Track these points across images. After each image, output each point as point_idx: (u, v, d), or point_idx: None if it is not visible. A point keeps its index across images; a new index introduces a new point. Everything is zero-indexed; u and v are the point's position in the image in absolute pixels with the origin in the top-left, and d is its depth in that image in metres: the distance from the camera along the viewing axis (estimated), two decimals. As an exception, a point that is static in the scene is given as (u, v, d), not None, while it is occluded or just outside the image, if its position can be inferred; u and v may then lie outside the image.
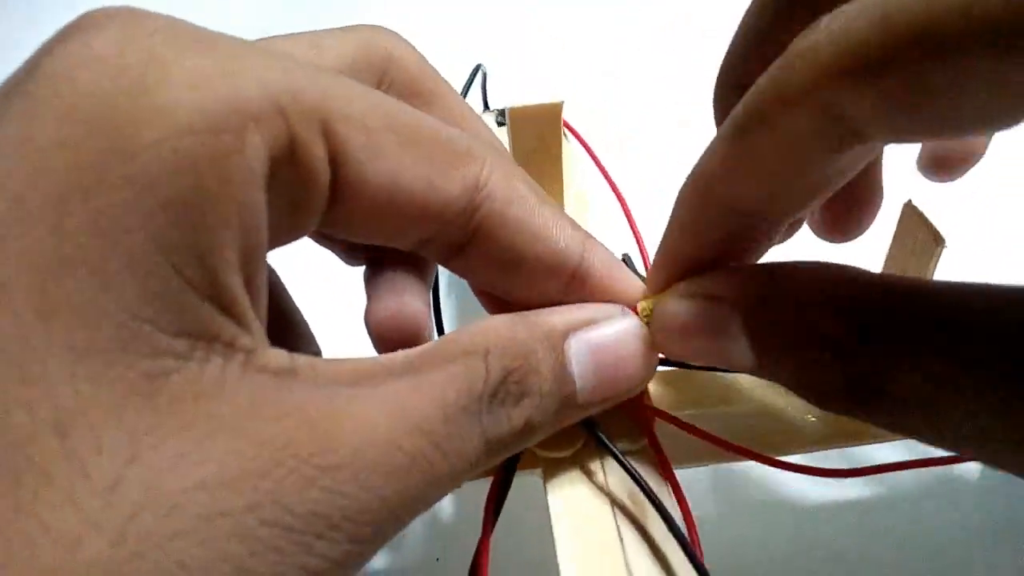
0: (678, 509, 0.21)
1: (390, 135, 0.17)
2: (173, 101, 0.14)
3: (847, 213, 0.24)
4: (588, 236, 0.21)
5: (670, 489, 0.22)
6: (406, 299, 0.23)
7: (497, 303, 0.22)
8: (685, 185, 0.20)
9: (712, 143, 0.19)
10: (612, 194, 0.34)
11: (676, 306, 0.19)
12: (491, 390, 0.17)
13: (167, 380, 0.14)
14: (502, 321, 0.18)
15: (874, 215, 0.25)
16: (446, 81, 0.23)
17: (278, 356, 0.15)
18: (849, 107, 0.15)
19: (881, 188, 0.24)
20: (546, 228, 0.19)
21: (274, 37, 0.20)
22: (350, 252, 0.25)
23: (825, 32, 0.15)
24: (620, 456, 0.21)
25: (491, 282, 0.21)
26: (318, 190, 0.16)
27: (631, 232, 0.33)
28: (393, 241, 0.19)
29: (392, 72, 0.21)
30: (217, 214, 0.14)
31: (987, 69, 0.13)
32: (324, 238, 0.24)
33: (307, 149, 0.16)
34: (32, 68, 0.14)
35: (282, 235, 0.17)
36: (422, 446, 0.15)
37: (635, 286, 0.21)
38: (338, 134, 0.16)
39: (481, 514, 0.20)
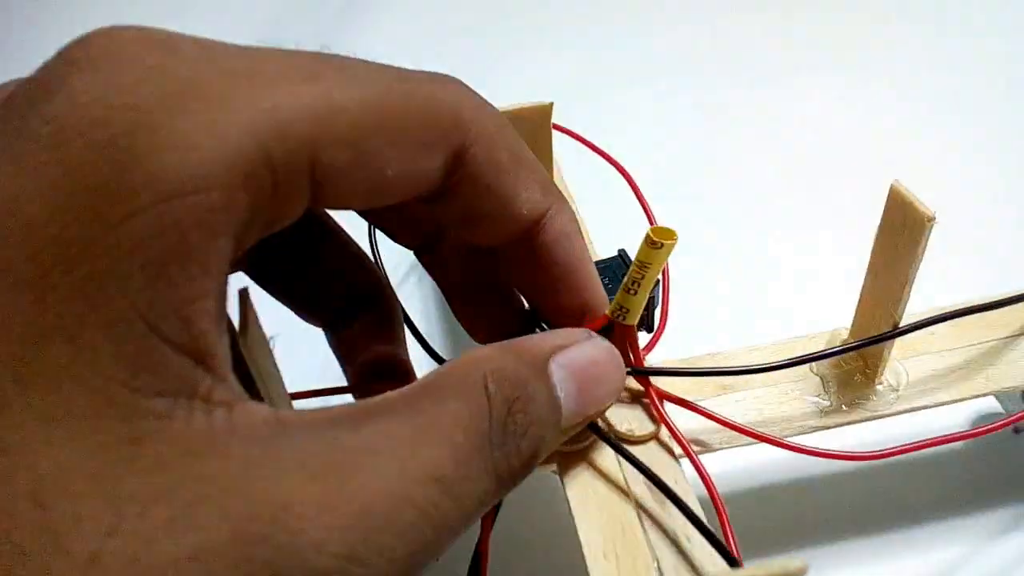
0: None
1: (378, 135, 0.16)
2: (161, 169, 0.13)
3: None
4: (557, 200, 0.21)
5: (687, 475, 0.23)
6: (386, 347, 0.23)
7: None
8: None
9: None
10: (601, 191, 0.35)
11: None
12: (499, 424, 0.16)
13: (151, 441, 0.13)
14: (490, 351, 0.18)
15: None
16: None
17: (260, 408, 0.15)
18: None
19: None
20: (514, 191, 0.20)
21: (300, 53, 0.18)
22: (309, 311, 0.24)
23: None
24: (631, 455, 0.22)
25: (450, 228, 0.21)
26: (293, 210, 0.16)
27: (639, 204, 0.33)
28: (367, 209, 0.20)
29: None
30: (197, 266, 0.14)
31: None
32: (283, 295, 0.24)
33: (290, 187, 0.15)
34: (21, 122, 0.14)
35: (250, 242, 0.16)
36: (433, 495, 0.15)
37: (582, 252, 0.21)
38: (323, 161, 0.15)
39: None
